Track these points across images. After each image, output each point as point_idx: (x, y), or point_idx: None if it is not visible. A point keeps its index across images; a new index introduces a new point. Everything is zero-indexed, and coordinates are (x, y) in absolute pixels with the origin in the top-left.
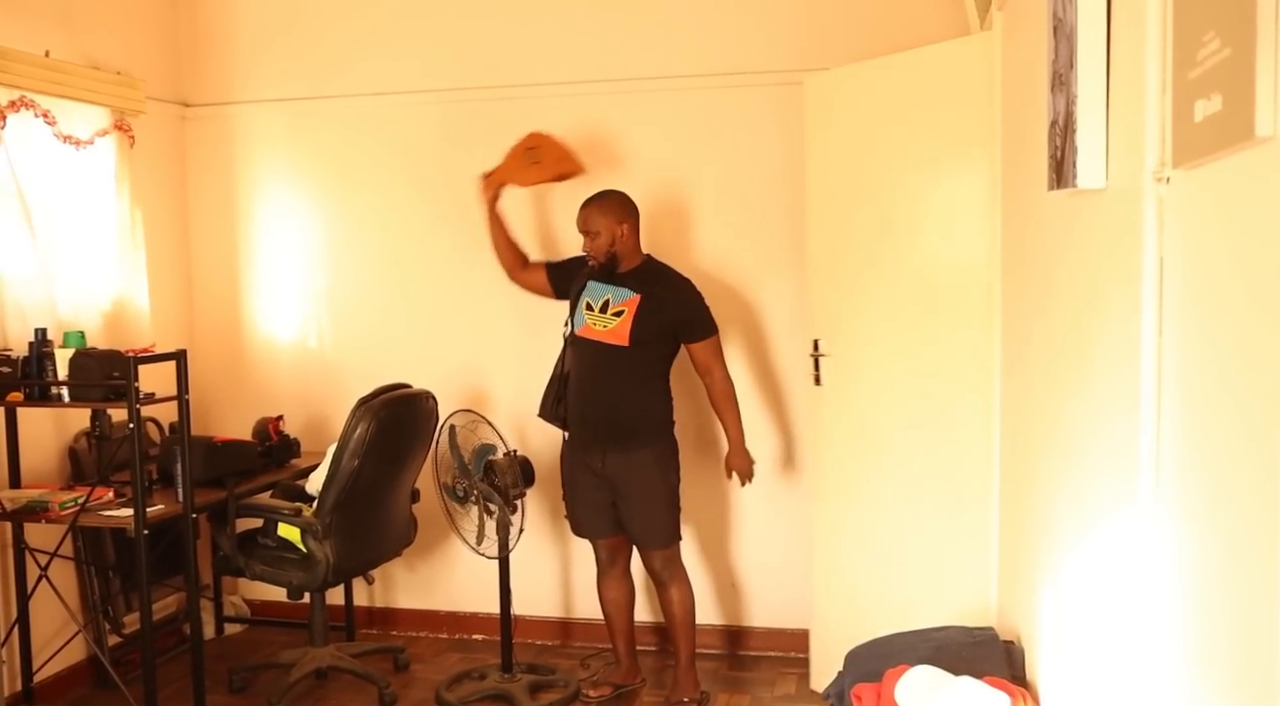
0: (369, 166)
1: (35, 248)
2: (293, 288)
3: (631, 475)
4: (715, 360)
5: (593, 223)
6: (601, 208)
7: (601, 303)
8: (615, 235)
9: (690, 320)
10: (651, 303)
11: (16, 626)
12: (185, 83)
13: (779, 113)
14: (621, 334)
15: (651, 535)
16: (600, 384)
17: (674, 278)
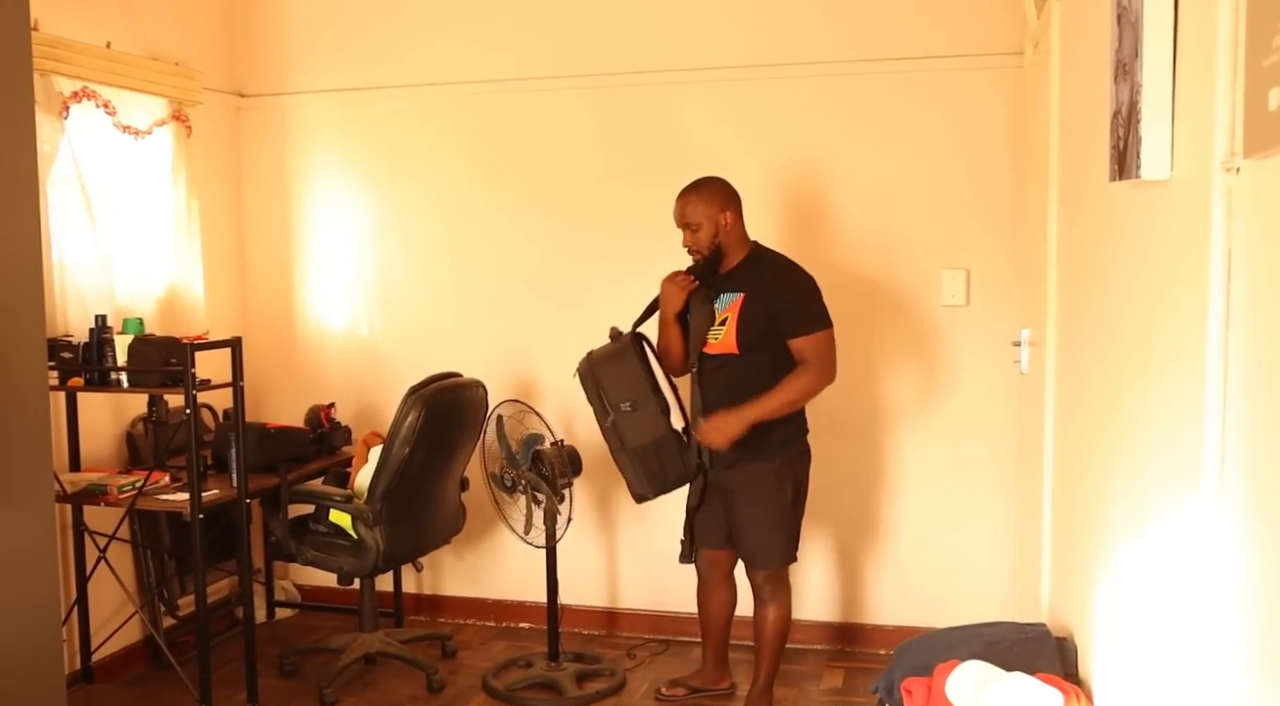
0: (420, 156)
1: (95, 236)
2: (344, 277)
3: (746, 486)
4: (814, 355)
5: (692, 214)
6: (701, 196)
7: (720, 314)
8: (719, 225)
9: (791, 309)
10: (756, 298)
11: (76, 607)
12: (240, 73)
13: (922, 100)
14: (729, 341)
15: (759, 553)
16: (718, 390)
17: (780, 265)
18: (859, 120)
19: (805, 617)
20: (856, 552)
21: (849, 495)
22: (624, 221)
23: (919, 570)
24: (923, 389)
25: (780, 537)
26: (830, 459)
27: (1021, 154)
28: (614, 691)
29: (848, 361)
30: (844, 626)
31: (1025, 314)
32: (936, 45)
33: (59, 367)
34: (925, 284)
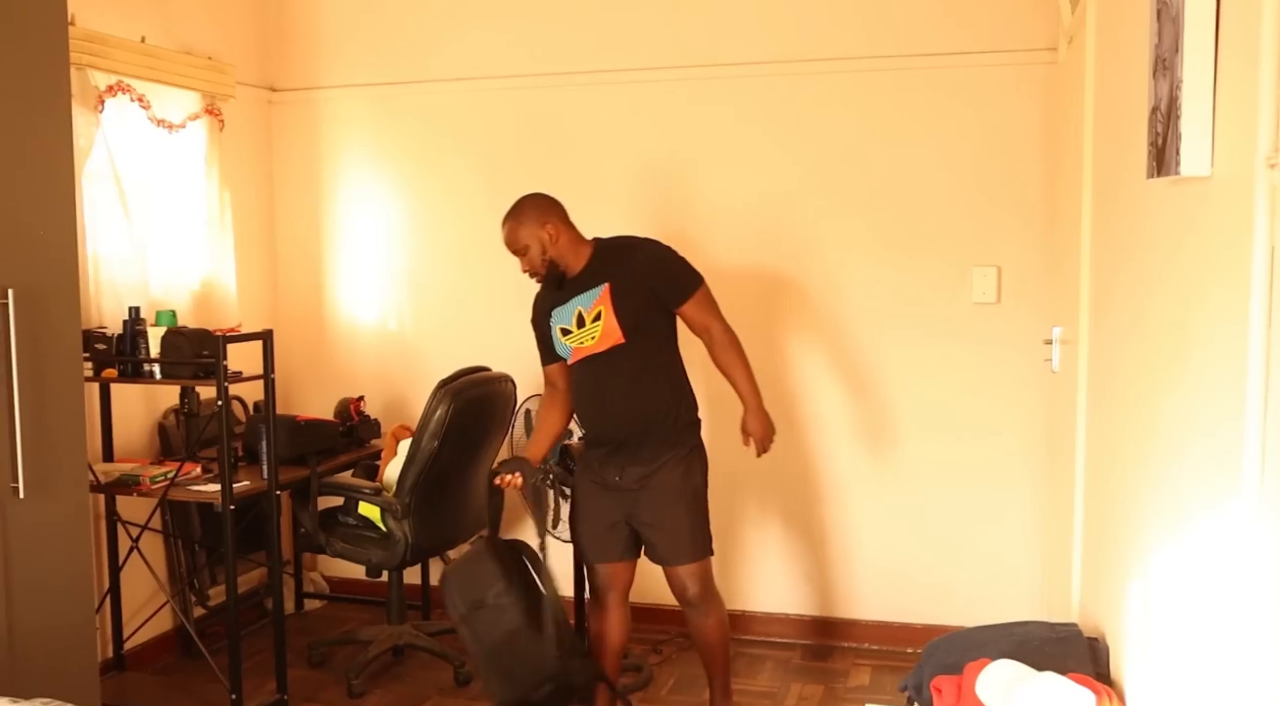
0: (451, 151)
1: (129, 229)
2: (374, 270)
3: (651, 484)
4: (710, 314)
5: (516, 240)
6: (518, 219)
7: (575, 319)
8: (544, 240)
9: (668, 279)
10: (625, 280)
11: (109, 596)
12: (272, 68)
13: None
14: (611, 331)
15: (679, 548)
16: (608, 392)
17: (636, 243)
18: (889, 117)
19: (833, 614)
20: (885, 550)
21: (877, 493)
22: (653, 217)
23: (947, 569)
24: (953, 387)
25: (699, 528)
26: (859, 457)
27: (1054, 150)
28: (640, 686)
29: (877, 359)
30: (871, 624)
31: (1057, 311)
32: (968, 42)
33: (93, 359)
34: (956, 281)
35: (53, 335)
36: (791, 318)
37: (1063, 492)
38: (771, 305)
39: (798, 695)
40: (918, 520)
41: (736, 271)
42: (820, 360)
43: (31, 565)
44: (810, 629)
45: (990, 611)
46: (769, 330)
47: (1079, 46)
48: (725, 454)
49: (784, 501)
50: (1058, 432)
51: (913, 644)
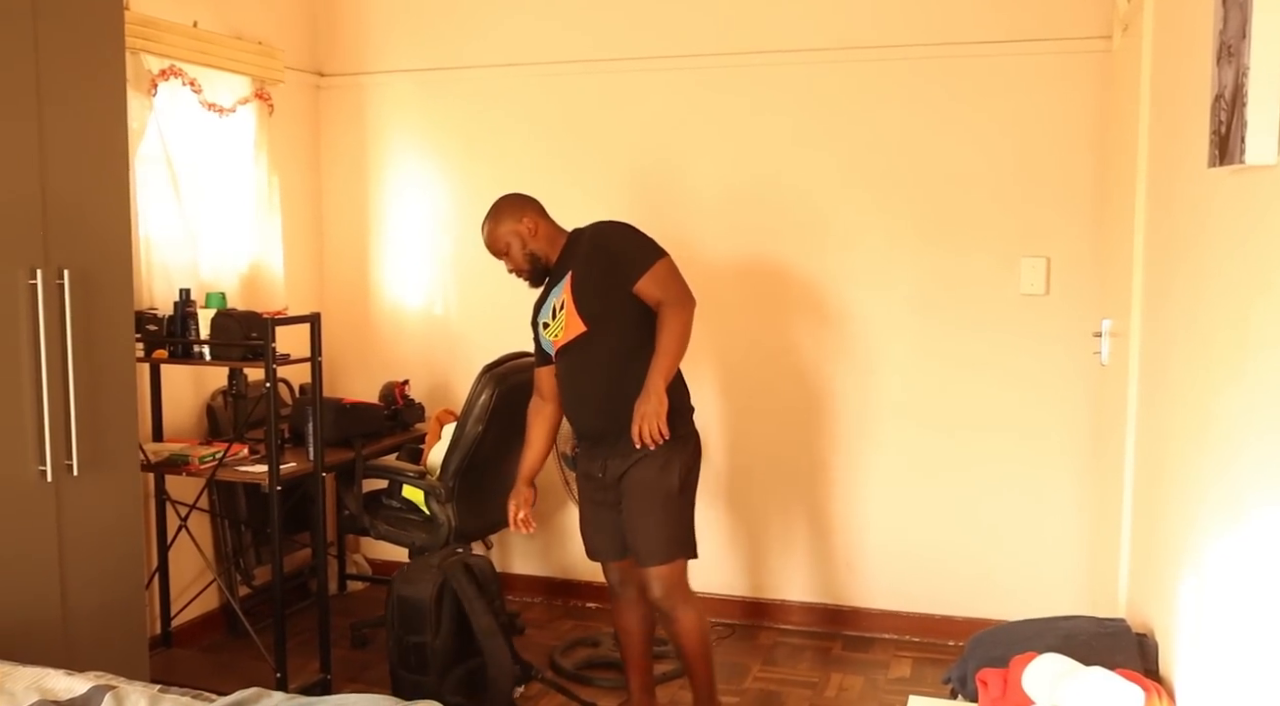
0: (497, 136)
1: (180, 212)
2: (419, 255)
3: (629, 479)
4: (665, 288)
5: (496, 241)
6: (495, 219)
7: (552, 311)
8: (523, 235)
9: (619, 256)
10: (581, 266)
11: (157, 573)
12: (321, 53)
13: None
14: (573, 323)
15: (648, 548)
16: (582, 383)
17: (592, 227)
18: (936, 106)
19: (874, 606)
20: (928, 542)
21: (921, 484)
22: (698, 204)
23: (990, 562)
24: (999, 379)
25: (666, 528)
26: (903, 448)
27: (1106, 139)
28: (681, 674)
29: (923, 351)
30: (912, 616)
31: (1107, 304)
32: (1020, 29)
33: (144, 340)
34: (1003, 272)
35: (106, 316)
36: (836, 308)
37: (1110, 487)
38: (816, 296)
39: (838, 685)
40: (961, 512)
41: (780, 262)
42: (865, 351)
43: (84, 541)
44: (851, 619)
45: (1033, 605)
46: (813, 321)
47: (1135, 34)
48: (769, 440)
49: (826, 491)
50: (1105, 426)
51: (954, 637)
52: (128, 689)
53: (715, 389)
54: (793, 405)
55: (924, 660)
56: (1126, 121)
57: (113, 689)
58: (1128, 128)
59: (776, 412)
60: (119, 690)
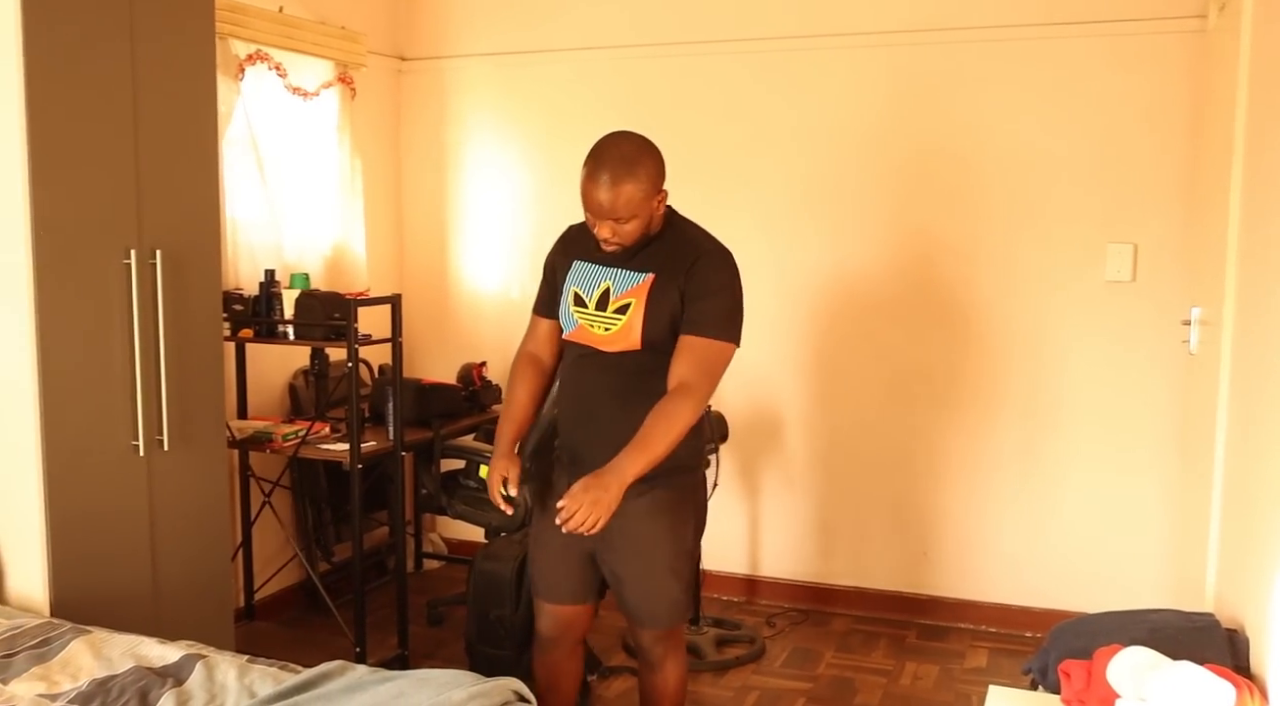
0: (575, 120)
1: (265, 193)
2: (497, 238)
3: (636, 523)
4: (704, 371)
5: (625, 205)
6: (638, 180)
7: (599, 294)
8: (652, 213)
9: (703, 296)
10: (669, 279)
11: (241, 548)
12: (402, 37)
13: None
14: (630, 335)
15: (653, 611)
16: (596, 400)
17: (706, 246)
18: (1020, 88)
19: (950, 595)
20: (1006, 532)
21: (1002, 474)
22: (776, 189)
23: (1072, 553)
24: (1083, 367)
25: (677, 591)
26: (985, 436)
27: (1199, 122)
28: (753, 658)
29: (1005, 337)
30: (989, 606)
31: (1197, 291)
32: (1110, 9)
33: (230, 319)
34: (1088, 259)
35: (195, 296)
36: (916, 295)
37: (1198, 479)
38: (899, 282)
39: (912, 674)
40: (1041, 502)
41: (859, 247)
42: (947, 338)
43: (174, 515)
44: (926, 608)
45: (1114, 597)
46: (896, 307)
47: (1233, 13)
48: (847, 425)
49: (904, 478)
50: (1194, 416)
51: (1032, 628)
52: (217, 658)
53: (795, 375)
54: (871, 392)
55: (1001, 650)
56: (1222, 103)
57: (203, 657)
58: (1223, 109)
59: (855, 399)
60: (209, 658)
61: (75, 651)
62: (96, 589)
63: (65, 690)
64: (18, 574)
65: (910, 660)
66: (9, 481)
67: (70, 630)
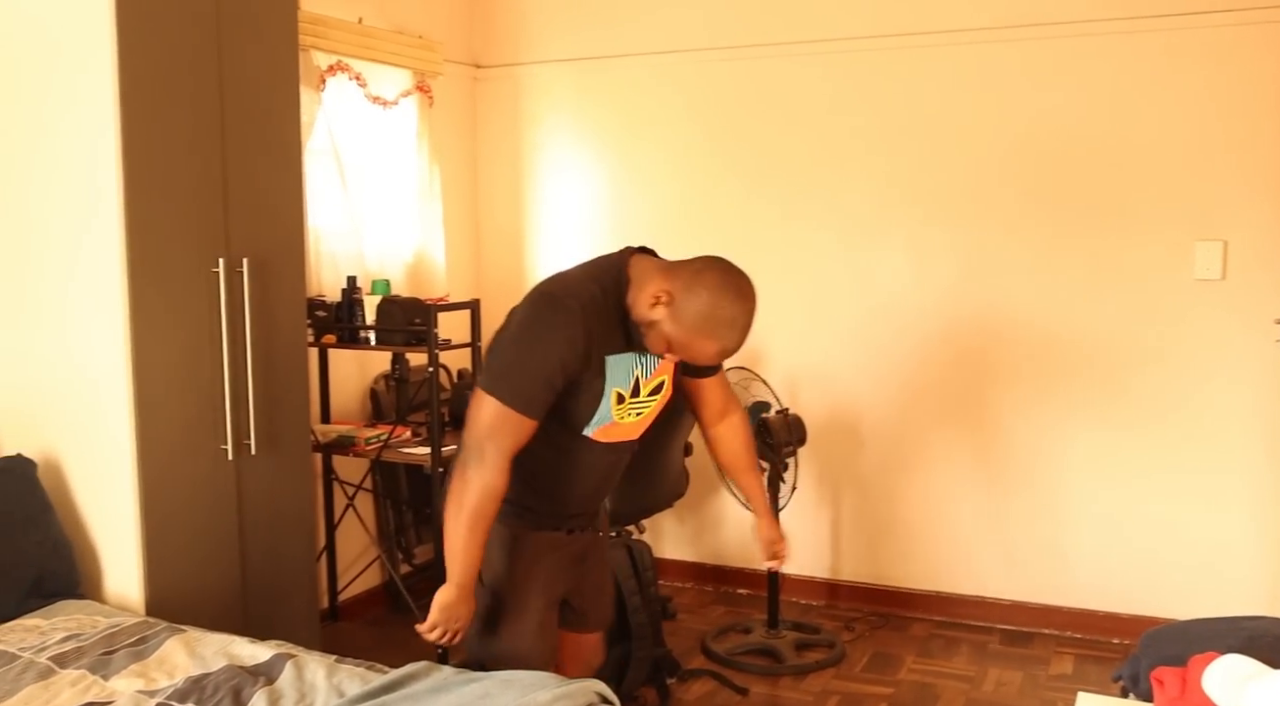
0: (651, 124)
1: (346, 202)
2: (573, 243)
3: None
4: (732, 394)
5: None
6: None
7: (632, 383)
8: None
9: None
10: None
11: (325, 550)
12: (478, 45)
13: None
14: (650, 417)
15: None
16: (608, 480)
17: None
18: (1106, 82)
19: (1034, 601)
20: (1090, 536)
21: (1085, 476)
22: (855, 191)
23: (1161, 558)
24: (1171, 367)
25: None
26: (1067, 438)
27: None
28: (834, 662)
29: (1091, 337)
30: (1074, 611)
31: None
32: (1196, 0)
33: (313, 326)
34: (1176, 257)
35: (281, 302)
36: (996, 296)
37: None
38: (978, 283)
39: (995, 680)
40: (1130, 507)
41: (937, 245)
42: (1030, 340)
43: (261, 517)
44: (1008, 613)
45: (1206, 604)
46: (978, 306)
47: None
48: (928, 429)
49: (985, 481)
50: None
51: (1120, 634)
52: (306, 657)
53: (873, 378)
54: (950, 394)
55: (1087, 657)
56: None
57: (292, 657)
58: None
59: (933, 402)
60: (298, 658)
61: (171, 649)
62: (188, 589)
63: (162, 686)
64: (115, 574)
65: (993, 666)
66: (107, 485)
67: (165, 629)
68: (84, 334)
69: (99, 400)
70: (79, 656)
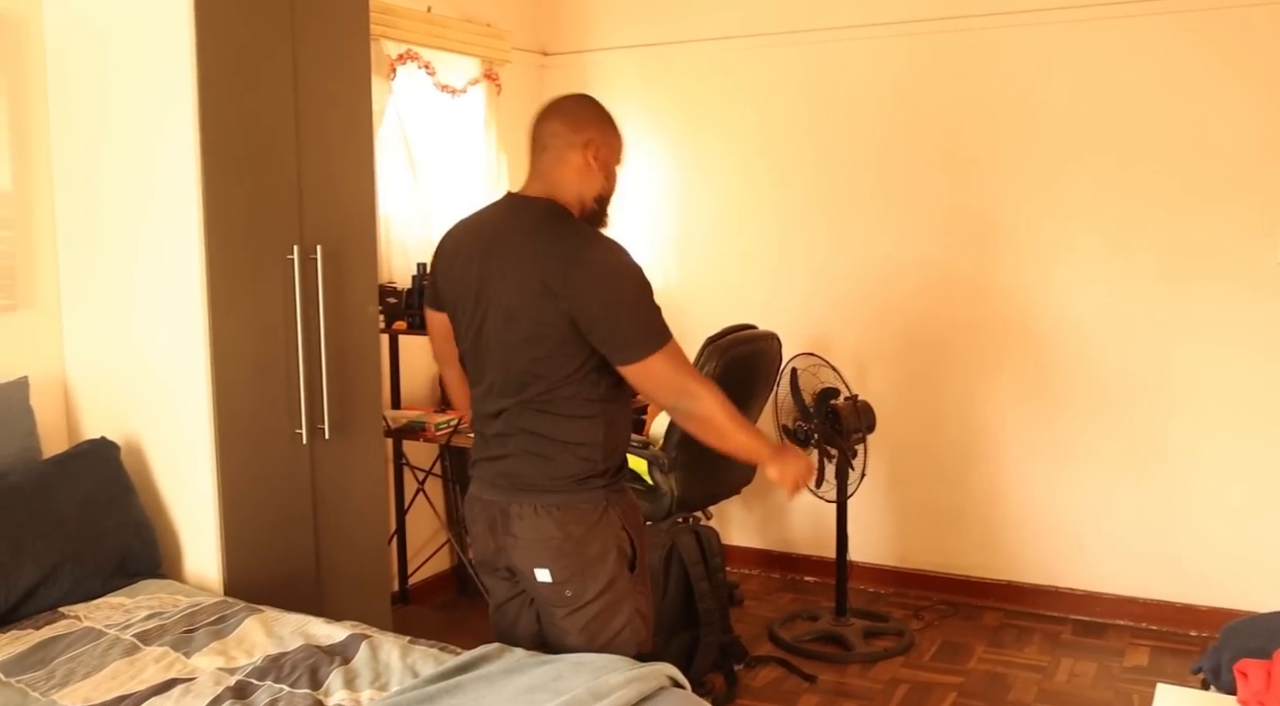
0: (718, 110)
1: (416, 189)
2: (641, 229)
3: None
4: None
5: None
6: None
7: None
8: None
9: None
10: None
11: (396, 534)
12: (545, 33)
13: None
14: None
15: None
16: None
17: None
18: (1182, 63)
19: (1107, 591)
20: (1166, 526)
21: (1162, 466)
22: (922, 176)
23: (1239, 549)
24: (1253, 354)
25: None
26: (1144, 426)
27: None
28: (902, 650)
29: (1170, 325)
30: (1150, 602)
31: None
32: None
33: (385, 312)
34: (1259, 240)
35: (353, 289)
36: (1074, 278)
37: None
38: (1052, 265)
39: (1069, 671)
40: (1208, 496)
41: (1010, 228)
42: (1105, 325)
43: (334, 501)
44: (1082, 604)
45: None
46: (1050, 292)
47: None
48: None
49: (1058, 469)
50: None
51: (1197, 627)
52: (380, 638)
53: (944, 364)
54: (1023, 383)
55: (1163, 649)
56: None
57: (367, 637)
58: None
59: (1006, 390)
60: (373, 638)
61: (249, 628)
62: (264, 570)
63: (242, 664)
64: (194, 555)
65: (1066, 656)
66: (186, 468)
67: (244, 608)
68: (164, 321)
69: (178, 385)
70: (161, 634)
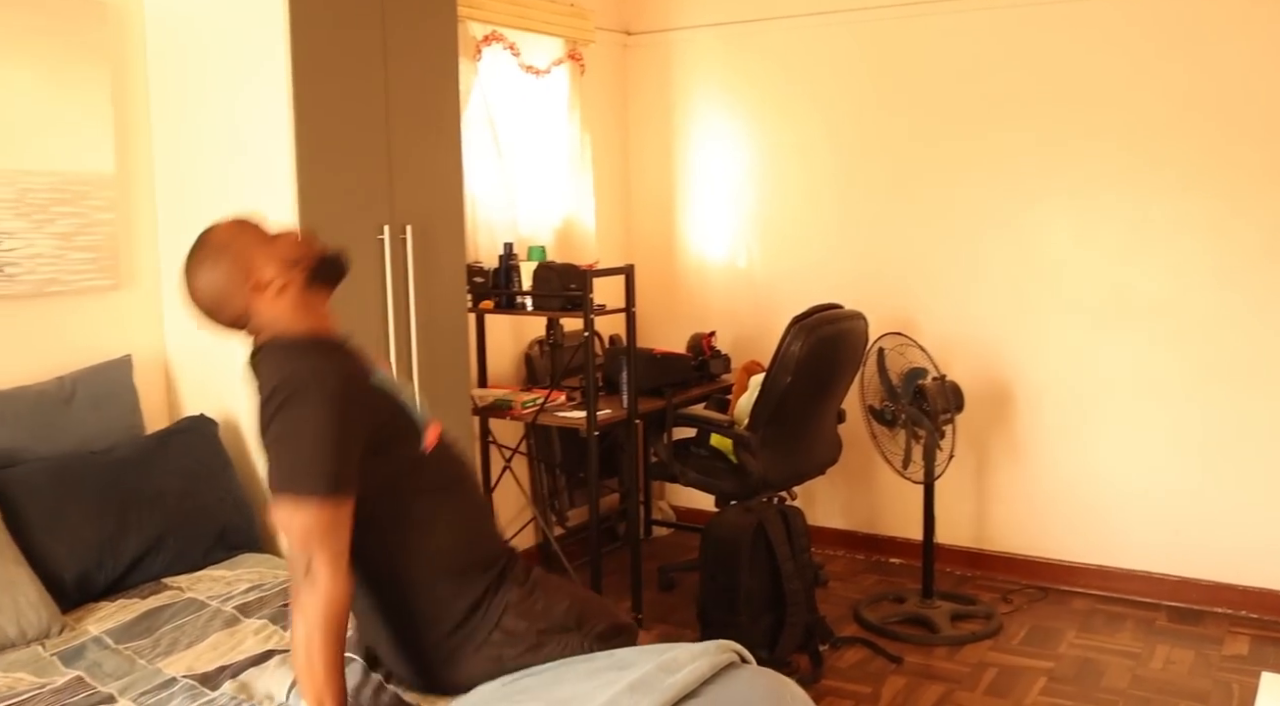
0: (802, 88)
1: (501, 170)
2: (724, 208)
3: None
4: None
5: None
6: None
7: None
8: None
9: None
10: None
11: None
12: (628, 12)
13: None
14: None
15: None
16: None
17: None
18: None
19: (1205, 577)
20: (1268, 512)
21: (1263, 450)
22: (1014, 153)
23: None
24: None
25: None
26: (1246, 410)
27: None
28: (990, 634)
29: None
30: (1250, 590)
31: None
32: None
33: (472, 291)
34: None
35: (442, 269)
36: (1171, 257)
37: None
38: (1148, 244)
39: (1164, 658)
40: None
41: (1106, 204)
42: (1203, 306)
43: None
44: (1177, 589)
45: None
46: (1148, 270)
47: None
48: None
49: (1152, 452)
50: None
51: None
52: None
53: (1033, 345)
54: (1115, 363)
55: (1264, 638)
56: None
57: None
58: None
59: (1098, 372)
60: None
61: None
62: None
63: None
64: None
65: (1161, 643)
66: None
67: None
68: None
69: None
70: (260, 606)
